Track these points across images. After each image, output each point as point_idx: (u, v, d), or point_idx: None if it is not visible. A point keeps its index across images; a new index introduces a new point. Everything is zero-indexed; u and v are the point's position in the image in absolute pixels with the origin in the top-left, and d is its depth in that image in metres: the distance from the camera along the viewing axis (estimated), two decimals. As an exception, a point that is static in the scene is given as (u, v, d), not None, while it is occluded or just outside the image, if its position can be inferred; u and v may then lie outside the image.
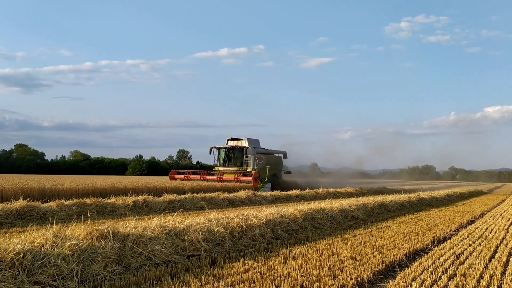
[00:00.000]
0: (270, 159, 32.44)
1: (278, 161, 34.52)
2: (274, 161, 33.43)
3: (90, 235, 6.01)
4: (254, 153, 30.99)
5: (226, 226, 7.98)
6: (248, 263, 6.33)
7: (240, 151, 31.27)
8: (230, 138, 32.54)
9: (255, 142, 32.72)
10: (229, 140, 32.57)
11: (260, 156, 31.19)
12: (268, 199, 19.76)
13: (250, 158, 30.76)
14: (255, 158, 30.63)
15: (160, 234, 6.79)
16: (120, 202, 13.69)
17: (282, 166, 35.05)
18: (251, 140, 32.08)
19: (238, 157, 31.33)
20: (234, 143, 32.08)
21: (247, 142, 31.64)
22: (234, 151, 31.57)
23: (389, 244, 8.27)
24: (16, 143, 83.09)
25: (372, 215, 13.82)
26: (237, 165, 31.00)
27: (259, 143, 33.22)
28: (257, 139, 33.35)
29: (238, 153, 31.38)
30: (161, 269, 5.88)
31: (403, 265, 6.74)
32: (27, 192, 14.78)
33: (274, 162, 33.15)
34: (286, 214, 10.13)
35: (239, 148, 31.34)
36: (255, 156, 30.73)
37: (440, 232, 10.20)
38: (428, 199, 21.30)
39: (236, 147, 31.48)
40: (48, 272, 4.93)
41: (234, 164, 31.19)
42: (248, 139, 31.88)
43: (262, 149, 32.97)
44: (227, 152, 31.83)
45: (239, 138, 32.38)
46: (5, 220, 10.57)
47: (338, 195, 24.97)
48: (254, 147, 31.77)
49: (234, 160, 31.41)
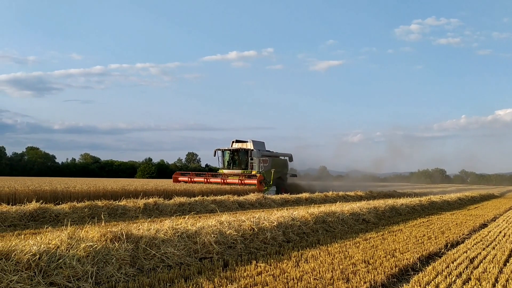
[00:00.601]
0: (276, 162, 31.98)
1: (283, 164, 33.90)
2: (280, 164, 32.92)
3: (104, 237, 6.05)
4: (259, 155, 30.45)
5: (237, 228, 7.99)
6: (261, 266, 6.33)
7: (245, 153, 30.66)
8: (235, 140, 31.99)
9: (260, 144, 32.13)
10: (233, 142, 31.98)
11: (265, 159, 30.69)
12: (278, 202, 19.73)
13: (255, 160, 30.19)
14: (260, 161, 30.13)
15: (173, 236, 6.81)
16: (131, 205, 13.76)
17: (287, 169, 34.44)
18: (256, 143, 31.51)
19: (243, 160, 30.74)
20: (239, 145, 31.47)
21: (252, 144, 31.02)
22: (238, 153, 31.03)
23: (401, 247, 8.22)
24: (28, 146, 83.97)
25: (383, 218, 13.74)
26: (241, 167, 30.46)
27: (264, 146, 32.65)
28: (262, 141, 32.81)
29: (243, 156, 30.81)
30: (174, 271, 5.90)
31: (417, 269, 6.69)
32: (39, 194, 14.93)
33: (280, 165, 32.64)
34: (297, 217, 10.11)
35: (244, 151, 30.70)
36: (260, 159, 30.22)
37: (453, 236, 10.11)
38: (440, 203, 21.13)
39: (241, 149, 30.89)
40: (64, 273, 4.97)
41: (238, 167, 30.66)
42: (253, 141, 31.32)
43: (267, 151, 32.42)
44: (231, 155, 31.31)
45: (244, 140, 31.83)
46: (19, 222, 10.69)
47: (348, 198, 24.87)
48: (259, 149, 31.18)
49: (239, 162, 30.87)
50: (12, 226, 10.35)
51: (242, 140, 31.91)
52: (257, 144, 31.45)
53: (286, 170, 33.90)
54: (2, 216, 10.60)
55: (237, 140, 31.93)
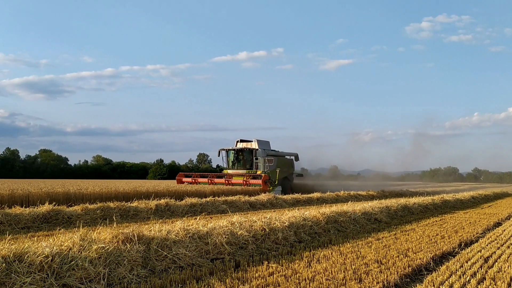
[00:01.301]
0: (281, 162, 31.24)
1: (289, 163, 33.16)
2: (285, 163, 32.21)
3: (115, 238, 6.08)
4: (264, 155, 29.73)
5: (249, 229, 7.97)
6: (272, 266, 6.31)
7: (250, 153, 29.95)
8: (240, 140, 31.23)
9: (265, 143, 31.43)
10: (238, 142, 31.22)
11: (270, 158, 29.78)
12: (289, 202, 19.68)
13: (260, 160, 29.43)
14: (265, 161, 29.29)
15: (184, 237, 6.82)
16: (143, 206, 13.82)
17: (293, 168, 33.79)
18: (261, 142, 30.80)
19: (247, 160, 30.04)
20: (243, 145, 30.73)
21: (257, 143, 30.32)
22: (243, 153, 30.27)
23: (414, 247, 8.13)
24: (41, 149, 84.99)
25: (396, 217, 13.63)
26: (246, 167, 29.77)
27: (269, 145, 32.02)
28: (267, 140, 32.09)
29: (247, 155, 30.10)
30: (185, 272, 5.90)
31: (430, 268, 6.62)
32: (52, 196, 15.09)
33: (285, 165, 31.96)
34: (309, 217, 10.06)
35: (249, 150, 30.00)
36: (265, 159, 29.40)
37: (467, 235, 9.98)
38: (453, 202, 20.90)
39: (246, 149, 30.18)
40: (76, 275, 5.00)
41: (243, 167, 29.97)
42: (258, 141, 30.59)
43: (272, 151, 31.72)
44: (236, 154, 30.59)
45: (249, 140, 31.13)
46: (32, 224, 10.79)
47: (360, 198, 24.72)
48: (264, 149, 30.49)
49: (243, 162, 30.15)
50: (26, 228, 10.46)
51: (247, 139, 31.32)
52: (262, 143, 30.86)
53: (292, 169, 33.35)
54: (16, 218, 10.72)
55: (242, 139, 31.33)
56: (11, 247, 5.00)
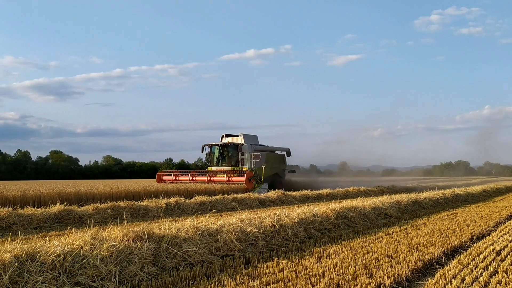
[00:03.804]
0: (270, 157, 29.54)
1: (280, 159, 31.27)
2: (275, 159, 30.48)
3: (126, 236, 6.12)
4: (251, 150, 27.80)
5: (258, 226, 7.98)
6: (282, 262, 6.31)
7: (235, 148, 27.96)
8: (225, 135, 29.53)
9: (252, 138, 29.54)
10: (223, 136, 29.52)
11: (257, 154, 27.94)
12: (299, 199, 19.68)
13: (246, 156, 27.57)
14: (251, 156, 27.44)
15: (194, 235, 6.84)
16: (153, 205, 13.91)
17: (285, 164, 31.80)
18: (247, 136, 28.91)
19: (233, 155, 28.06)
20: (228, 140, 28.97)
21: (243, 138, 28.43)
22: (228, 148, 28.30)
23: (425, 241, 8.08)
24: (51, 150, 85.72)
25: (406, 212, 13.56)
26: (231, 164, 27.84)
27: (257, 139, 30.14)
28: (255, 135, 30.33)
29: (232, 151, 28.12)
30: (196, 269, 5.93)
31: (442, 262, 6.57)
32: (63, 196, 15.23)
33: (275, 160, 30.28)
34: (318, 213, 10.05)
35: (234, 145, 28.03)
36: (251, 154, 27.53)
37: (478, 228, 9.90)
38: (464, 195, 20.74)
39: (230, 144, 28.23)
40: (88, 273, 5.04)
41: (228, 163, 28.00)
42: (244, 135, 28.73)
43: (261, 146, 29.83)
44: (221, 150, 28.56)
45: (235, 134, 29.31)
46: (44, 224, 10.91)
47: (370, 193, 24.62)
48: (251, 143, 28.58)
49: (228, 158, 28.18)
50: (38, 228, 10.58)
51: (233, 134, 29.58)
52: (248, 138, 29.07)
53: (283, 166, 31.56)
54: (28, 218, 10.84)
55: (227, 134, 29.65)
56: (23, 247, 5.06)
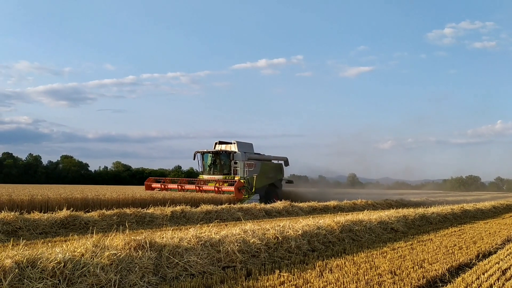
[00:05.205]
0: (266, 167, 28.39)
1: (276, 168, 29.85)
2: (272, 168, 29.26)
3: (128, 245, 6.12)
4: (244, 158, 26.67)
5: (261, 237, 7.94)
6: (284, 275, 6.26)
7: (227, 156, 26.80)
8: (218, 142, 28.34)
9: (247, 146, 28.37)
10: (217, 143, 28.34)
11: (251, 163, 26.80)
12: (305, 210, 19.58)
13: (239, 164, 26.41)
14: (245, 165, 26.30)
15: (196, 245, 6.83)
16: (159, 213, 13.91)
17: (282, 174, 30.38)
18: (241, 144, 27.77)
19: (225, 164, 26.87)
20: (221, 147, 27.84)
21: (236, 146, 27.32)
22: (220, 156, 27.13)
23: (430, 258, 7.98)
24: (62, 155, 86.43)
25: (413, 227, 13.40)
26: (223, 172, 26.62)
27: (252, 148, 28.84)
28: (250, 143, 29.07)
29: (225, 159, 26.93)
30: (196, 280, 5.91)
31: (445, 280, 6.48)
32: (70, 202, 15.30)
33: (271, 170, 29.01)
34: (323, 226, 9.98)
35: (226, 153, 26.87)
36: (245, 163, 26.38)
37: (485, 245, 9.75)
38: (473, 211, 20.45)
39: (223, 151, 27.01)
40: (87, 281, 5.05)
41: (220, 172, 26.79)
42: (238, 143, 27.58)
43: (256, 154, 28.61)
44: (213, 158, 27.38)
45: (228, 142, 28.10)
46: (50, 229, 10.95)
47: (377, 206, 24.41)
48: (245, 152, 27.44)
49: (220, 167, 27.00)
50: (43, 233, 10.62)
51: (227, 141, 28.37)
52: (242, 145, 27.85)
53: (280, 175, 30.16)
54: (34, 223, 10.89)
55: (221, 141, 28.41)
56: (25, 253, 5.09)
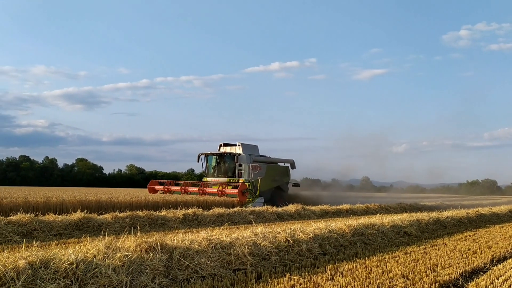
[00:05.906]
0: (271, 169, 27.90)
1: (282, 171, 29.31)
2: (278, 171, 28.77)
3: (139, 247, 6.18)
4: (249, 161, 26.26)
5: (272, 240, 7.94)
6: (294, 279, 6.25)
7: (232, 158, 26.32)
8: (223, 144, 27.95)
9: (252, 148, 28.01)
10: (221, 145, 27.97)
11: (256, 165, 26.29)
12: (318, 213, 19.50)
13: (244, 167, 26.03)
14: (250, 167, 25.86)
15: (207, 247, 6.86)
16: (171, 215, 14.00)
17: (288, 177, 29.72)
18: (246, 146, 27.43)
19: (229, 166, 26.45)
20: (226, 149, 27.51)
21: (241, 148, 26.95)
22: (224, 158, 26.71)
23: (444, 262, 7.89)
24: (77, 158, 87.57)
25: (427, 231, 13.26)
26: (228, 175, 26.24)
27: (257, 150, 28.52)
28: (255, 145, 28.67)
29: (229, 161, 26.49)
30: (207, 282, 5.93)
31: (459, 285, 6.40)
32: (85, 204, 15.47)
33: (277, 173, 28.55)
34: (335, 229, 9.93)
35: (231, 155, 26.40)
36: (250, 165, 25.93)
37: (500, 250, 9.61)
38: (488, 215, 20.14)
39: (227, 153, 26.59)
40: (99, 282, 5.11)
41: (224, 174, 26.45)
42: (243, 145, 27.19)
43: (262, 156, 28.28)
44: (218, 160, 26.99)
45: (233, 144, 27.67)
46: (64, 231, 11.11)
47: (390, 210, 24.20)
48: (250, 154, 27.05)
49: (225, 169, 26.61)
50: (58, 235, 10.77)
51: (231, 143, 27.92)
52: (247, 148, 27.50)
53: (286, 178, 29.52)
54: (49, 225, 11.05)
55: (225, 143, 28.00)
56: (38, 254, 5.16)
